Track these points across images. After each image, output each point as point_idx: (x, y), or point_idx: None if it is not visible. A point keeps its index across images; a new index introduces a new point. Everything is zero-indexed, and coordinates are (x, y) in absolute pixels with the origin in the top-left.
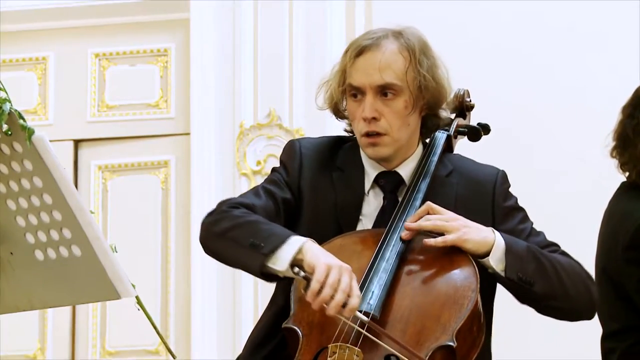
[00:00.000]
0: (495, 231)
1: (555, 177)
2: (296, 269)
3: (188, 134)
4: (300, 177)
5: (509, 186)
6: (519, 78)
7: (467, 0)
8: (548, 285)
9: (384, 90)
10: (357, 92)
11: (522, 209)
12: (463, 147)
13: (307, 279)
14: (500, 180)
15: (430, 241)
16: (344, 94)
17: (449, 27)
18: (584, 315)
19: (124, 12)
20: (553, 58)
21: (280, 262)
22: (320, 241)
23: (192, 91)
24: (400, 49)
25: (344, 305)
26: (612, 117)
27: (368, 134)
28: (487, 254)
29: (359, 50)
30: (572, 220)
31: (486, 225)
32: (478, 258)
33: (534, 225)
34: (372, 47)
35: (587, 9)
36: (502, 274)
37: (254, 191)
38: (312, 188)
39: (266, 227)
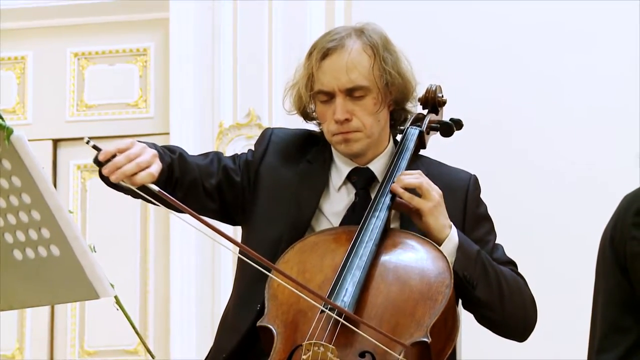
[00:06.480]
0: (454, 227)
1: (544, 176)
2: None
3: (167, 133)
4: (261, 162)
5: (480, 192)
6: (503, 77)
7: None
8: (488, 293)
9: (353, 92)
10: (326, 96)
11: (490, 219)
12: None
13: (97, 149)
14: (472, 185)
15: (400, 193)
16: (312, 99)
17: (429, 27)
18: (514, 334)
19: (103, 11)
20: (540, 57)
21: None
22: (273, 226)
23: (171, 91)
24: (364, 47)
25: (134, 175)
26: (601, 117)
27: (340, 132)
28: (439, 243)
29: (323, 53)
30: (559, 218)
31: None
32: None
33: (497, 240)
34: (337, 48)
35: (576, 7)
36: (450, 265)
37: (205, 154)
38: (273, 174)
39: None
